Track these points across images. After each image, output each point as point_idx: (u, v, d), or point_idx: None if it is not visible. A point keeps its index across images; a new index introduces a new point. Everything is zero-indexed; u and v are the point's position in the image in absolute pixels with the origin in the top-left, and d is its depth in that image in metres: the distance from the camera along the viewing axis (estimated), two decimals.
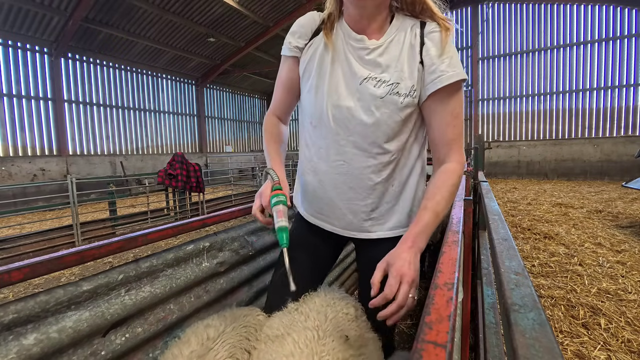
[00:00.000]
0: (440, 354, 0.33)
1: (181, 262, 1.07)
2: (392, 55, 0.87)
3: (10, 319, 0.67)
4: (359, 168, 0.92)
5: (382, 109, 0.87)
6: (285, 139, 1.09)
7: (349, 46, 0.91)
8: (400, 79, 0.86)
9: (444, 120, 0.85)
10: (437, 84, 0.82)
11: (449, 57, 0.83)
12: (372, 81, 0.87)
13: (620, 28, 10.64)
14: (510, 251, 0.68)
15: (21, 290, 3.28)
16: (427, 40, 0.86)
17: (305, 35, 0.96)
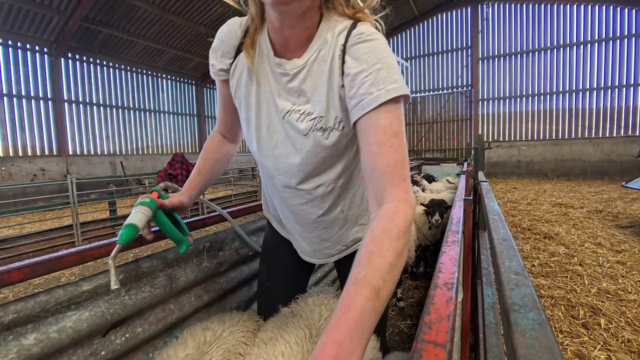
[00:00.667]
0: (440, 354, 0.33)
1: (181, 262, 1.07)
2: (315, 81, 0.74)
3: (10, 319, 0.67)
4: (296, 205, 0.87)
5: (307, 146, 0.76)
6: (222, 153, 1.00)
7: (272, 69, 0.77)
8: (324, 111, 0.74)
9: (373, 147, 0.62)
10: (358, 111, 0.65)
11: (375, 72, 0.65)
12: (294, 114, 0.76)
13: (620, 28, 10.65)
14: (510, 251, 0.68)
15: (21, 290, 3.28)
16: (347, 57, 0.70)
17: (228, 53, 0.82)
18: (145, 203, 0.80)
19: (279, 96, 0.78)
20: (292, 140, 0.78)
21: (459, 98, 13.09)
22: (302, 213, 0.89)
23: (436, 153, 13.65)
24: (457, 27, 13.32)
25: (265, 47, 0.77)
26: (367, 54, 0.67)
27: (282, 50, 0.76)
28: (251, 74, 0.80)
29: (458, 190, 1.94)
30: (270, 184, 0.91)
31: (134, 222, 0.76)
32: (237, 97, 0.84)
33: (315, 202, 0.85)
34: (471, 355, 1.70)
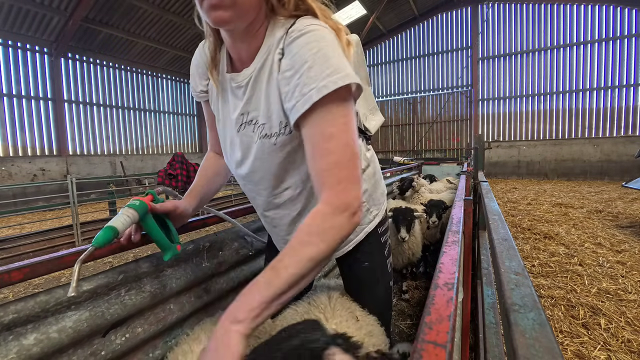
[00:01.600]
0: (440, 354, 0.33)
1: (181, 262, 1.07)
2: (259, 88, 0.73)
3: (10, 319, 0.67)
4: (271, 209, 0.89)
5: (260, 154, 0.76)
6: (216, 173, 1.02)
7: (230, 85, 0.79)
8: (267, 118, 0.73)
9: (311, 147, 0.62)
10: (293, 114, 0.63)
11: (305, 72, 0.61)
12: (247, 126, 0.77)
13: (620, 28, 10.65)
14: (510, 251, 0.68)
15: (21, 290, 3.28)
16: (284, 59, 0.67)
17: (203, 74, 0.87)
18: (134, 206, 0.77)
19: (235, 110, 0.79)
20: (247, 149, 0.79)
21: (459, 98, 13.09)
22: (277, 216, 0.89)
23: (436, 153, 13.65)
24: (457, 27, 13.32)
25: (223, 65, 0.80)
26: (297, 52, 0.64)
27: (238, 64, 0.78)
28: (217, 93, 0.83)
29: (458, 190, 1.94)
30: (248, 193, 0.92)
31: (115, 224, 0.74)
32: (216, 112, 0.87)
33: (287, 205, 0.85)
34: (471, 355, 1.70)
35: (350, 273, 1.02)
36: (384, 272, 1.03)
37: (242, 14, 0.64)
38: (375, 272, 1.00)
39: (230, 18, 0.62)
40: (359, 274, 0.99)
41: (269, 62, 0.71)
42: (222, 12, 0.61)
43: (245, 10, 0.64)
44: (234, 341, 0.50)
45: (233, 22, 0.64)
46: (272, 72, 0.70)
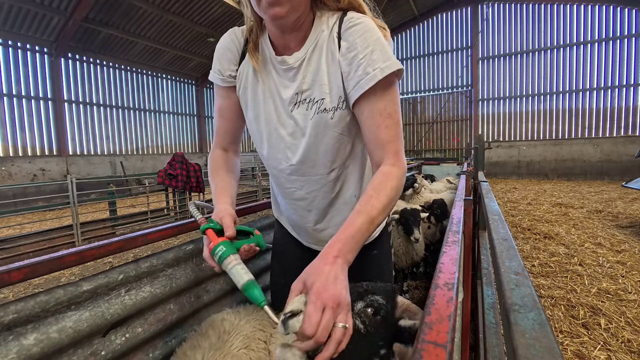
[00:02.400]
0: (441, 354, 0.33)
1: (181, 262, 1.07)
2: (314, 68, 0.80)
3: (10, 319, 0.67)
4: (310, 192, 0.90)
5: (315, 130, 0.81)
6: (232, 170, 0.97)
7: (274, 67, 0.84)
8: (325, 94, 0.79)
9: (374, 122, 0.74)
10: (358, 90, 0.73)
11: (368, 54, 0.72)
12: (303, 105, 0.82)
13: (620, 28, 10.65)
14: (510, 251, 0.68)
15: (21, 290, 3.28)
16: (343, 42, 0.77)
17: (234, 60, 0.88)
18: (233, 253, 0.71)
19: (285, 88, 0.83)
20: (301, 127, 0.83)
21: (459, 98, 13.09)
22: (316, 200, 0.92)
23: (436, 153, 13.65)
24: (457, 27, 13.32)
25: (267, 49, 0.84)
26: (359, 37, 0.74)
27: (283, 51, 0.83)
28: (256, 75, 0.86)
29: (458, 190, 1.94)
30: (284, 178, 0.92)
31: (249, 278, 0.70)
32: (244, 97, 0.89)
33: (329, 186, 0.90)
34: (471, 355, 1.70)
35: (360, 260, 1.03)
36: (389, 259, 1.09)
37: (296, 8, 0.72)
38: (380, 259, 1.04)
39: (287, 13, 0.70)
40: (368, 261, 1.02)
41: (321, 45, 0.79)
42: (279, 9, 0.69)
43: (299, 4, 0.72)
44: (345, 273, 0.58)
45: (288, 17, 0.72)
46: (331, 53, 0.78)
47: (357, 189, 0.92)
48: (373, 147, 0.76)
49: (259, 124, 0.88)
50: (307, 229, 0.99)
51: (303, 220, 0.98)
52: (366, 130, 0.76)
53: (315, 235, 0.99)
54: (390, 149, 0.74)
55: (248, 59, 0.86)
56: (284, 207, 1.02)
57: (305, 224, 0.98)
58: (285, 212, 1.04)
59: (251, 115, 0.89)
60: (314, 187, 0.90)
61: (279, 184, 0.95)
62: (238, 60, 0.88)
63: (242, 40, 0.88)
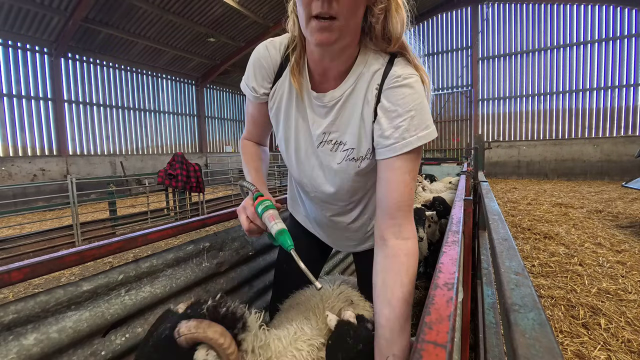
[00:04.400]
0: (440, 354, 0.33)
1: (181, 262, 1.07)
2: (349, 113, 0.79)
3: (10, 319, 0.67)
4: (330, 216, 0.99)
5: (341, 174, 0.85)
6: (265, 158, 1.04)
7: (310, 99, 0.83)
8: (356, 144, 0.80)
9: (392, 185, 0.73)
10: (390, 151, 0.73)
11: (408, 119, 0.71)
12: (328, 145, 0.83)
13: (620, 28, 10.65)
14: (510, 251, 0.68)
15: (21, 290, 3.28)
16: (383, 98, 0.74)
17: (268, 77, 0.86)
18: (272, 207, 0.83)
19: (314, 125, 0.84)
20: (326, 168, 0.86)
21: (459, 98, 13.09)
22: (333, 220, 0.99)
23: (436, 153, 13.65)
24: (457, 27, 13.31)
25: (305, 78, 0.82)
26: (402, 99, 0.72)
27: (319, 80, 0.81)
28: (291, 99, 0.85)
29: (458, 190, 1.94)
30: (306, 196, 1.01)
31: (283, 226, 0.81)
32: (276, 117, 0.90)
33: (346, 213, 0.96)
34: (471, 355, 1.70)
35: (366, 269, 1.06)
36: None
37: (345, 37, 0.69)
38: None
39: (335, 40, 0.67)
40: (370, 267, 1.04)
41: (360, 91, 0.77)
42: (328, 35, 0.66)
43: (348, 34, 0.69)
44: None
45: (335, 44, 0.68)
46: (367, 104, 0.77)
47: (372, 214, 0.96)
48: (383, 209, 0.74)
49: (289, 147, 0.90)
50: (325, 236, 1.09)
51: (323, 231, 1.07)
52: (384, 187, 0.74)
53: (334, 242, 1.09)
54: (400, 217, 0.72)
55: (284, 78, 0.84)
56: (307, 205, 1.07)
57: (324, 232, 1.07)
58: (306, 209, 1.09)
59: (281, 136, 0.90)
60: (333, 212, 0.97)
61: (305, 197, 1.03)
62: (273, 78, 0.86)
63: (280, 56, 0.84)
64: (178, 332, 0.57)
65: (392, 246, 0.71)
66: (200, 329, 0.58)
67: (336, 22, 0.64)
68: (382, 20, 0.73)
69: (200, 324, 0.58)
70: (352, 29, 0.69)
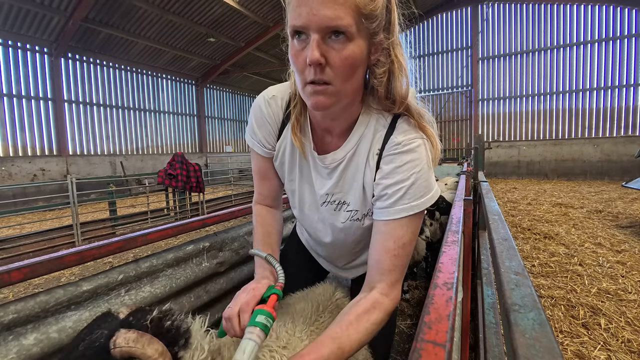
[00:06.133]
0: (440, 354, 0.33)
1: (181, 262, 1.07)
2: (352, 175, 0.79)
3: (10, 319, 0.67)
4: (334, 253, 1.01)
5: (344, 232, 0.87)
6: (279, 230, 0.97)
7: (312, 157, 0.82)
8: (359, 206, 0.81)
9: (385, 246, 0.71)
10: (383, 214, 0.72)
11: (406, 187, 0.70)
12: (332, 205, 0.84)
13: (620, 28, 10.64)
14: (510, 251, 0.68)
15: (21, 290, 3.28)
16: (382, 164, 0.74)
17: (272, 133, 0.84)
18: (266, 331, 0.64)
19: (317, 184, 0.84)
20: (329, 225, 0.88)
21: (459, 98, 13.08)
22: (335, 257, 1.02)
23: None
24: (457, 27, 13.31)
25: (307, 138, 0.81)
26: (402, 166, 0.71)
27: (322, 138, 0.81)
28: (293, 154, 0.84)
29: (458, 190, 1.94)
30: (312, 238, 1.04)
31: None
32: (280, 170, 0.90)
33: (348, 254, 0.99)
34: (471, 355, 1.70)
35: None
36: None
37: (342, 100, 0.67)
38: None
39: (331, 104, 0.65)
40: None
41: (362, 154, 0.77)
42: (323, 99, 0.64)
43: (345, 96, 0.67)
44: None
45: (332, 107, 0.67)
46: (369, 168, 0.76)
47: None
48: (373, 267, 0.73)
49: (294, 198, 0.92)
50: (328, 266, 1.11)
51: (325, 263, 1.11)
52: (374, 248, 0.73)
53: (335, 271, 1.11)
54: (389, 278, 0.71)
55: (285, 134, 0.83)
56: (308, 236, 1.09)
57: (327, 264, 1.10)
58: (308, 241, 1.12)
59: (288, 187, 0.92)
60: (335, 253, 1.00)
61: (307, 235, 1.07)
62: (277, 133, 0.84)
63: (282, 111, 0.82)
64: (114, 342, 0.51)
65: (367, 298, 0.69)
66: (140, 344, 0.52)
67: (330, 87, 0.63)
68: (385, 83, 0.71)
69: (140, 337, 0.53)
70: (349, 92, 0.68)
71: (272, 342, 0.73)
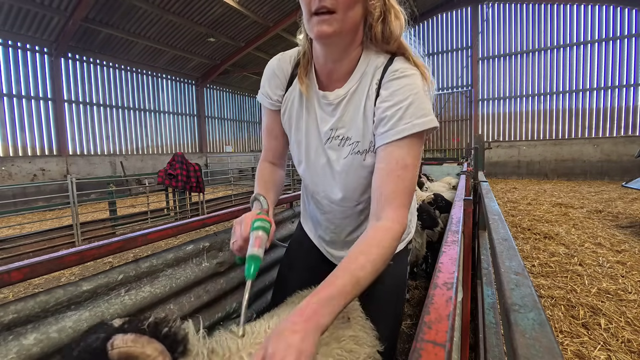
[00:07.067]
0: (440, 353, 0.33)
1: (181, 262, 1.07)
2: (353, 109, 0.83)
3: (10, 319, 0.67)
4: (339, 218, 0.99)
5: (346, 168, 0.87)
6: (277, 184, 1.02)
7: (317, 99, 0.88)
8: (360, 137, 0.83)
9: (387, 168, 0.73)
10: (383, 139, 0.75)
11: (403, 107, 0.73)
12: (335, 140, 0.87)
13: (620, 28, 10.64)
14: (510, 251, 0.68)
15: (21, 290, 3.28)
16: (382, 90, 0.78)
17: (281, 85, 0.92)
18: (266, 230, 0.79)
19: (322, 122, 0.88)
20: (334, 163, 0.89)
21: (459, 98, 13.08)
22: (343, 223, 0.99)
23: (436, 153, 13.65)
24: (457, 27, 13.31)
25: (313, 80, 0.88)
26: (400, 89, 0.75)
27: (326, 82, 0.87)
28: (301, 103, 0.90)
29: (458, 190, 1.94)
30: (314, 199, 1.02)
31: (259, 254, 0.75)
32: (288, 123, 0.95)
33: (353, 217, 0.96)
34: (471, 355, 1.70)
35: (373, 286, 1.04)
36: (402, 291, 1.08)
37: (344, 32, 0.73)
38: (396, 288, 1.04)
39: (334, 32, 0.71)
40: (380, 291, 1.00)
41: (363, 88, 0.82)
42: (326, 27, 0.71)
43: (347, 29, 0.74)
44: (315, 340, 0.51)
45: (334, 37, 0.73)
46: (369, 98, 0.81)
47: None
48: (376, 195, 0.74)
49: (300, 149, 0.94)
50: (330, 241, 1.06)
51: (327, 231, 1.05)
52: (377, 175, 0.75)
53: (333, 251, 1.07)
54: (395, 202, 0.70)
55: (294, 86, 0.90)
56: (313, 213, 1.08)
57: (328, 235, 1.05)
58: (313, 218, 1.09)
59: (293, 139, 0.95)
60: (342, 215, 0.97)
61: (314, 202, 1.03)
62: (285, 86, 0.92)
63: (290, 66, 0.91)
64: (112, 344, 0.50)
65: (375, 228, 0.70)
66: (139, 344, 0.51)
67: (334, 15, 0.70)
68: (380, 24, 0.78)
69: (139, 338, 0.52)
70: (349, 24, 0.73)
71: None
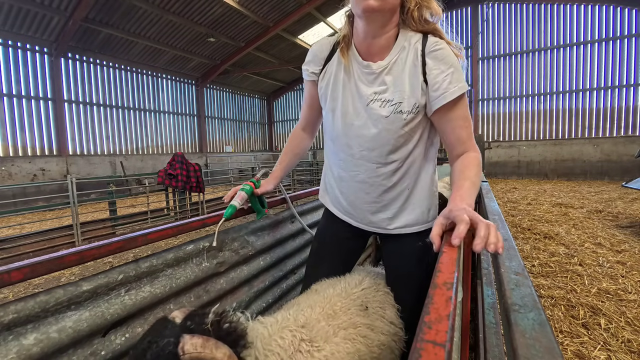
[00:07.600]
0: (439, 353, 0.33)
1: (181, 262, 1.07)
2: (395, 76, 0.96)
3: (10, 319, 0.67)
4: (371, 177, 1.06)
5: (387, 126, 0.98)
6: (301, 149, 1.31)
7: (357, 69, 1.01)
8: (403, 98, 0.95)
9: (456, 125, 0.94)
10: (441, 100, 0.91)
11: (451, 73, 0.90)
12: (377, 102, 0.98)
13: (620, 28, 10.64)
14: (510, 251, 0.68)
15: (21, 290, 3.28)
16: (428, 59, 0.93)
17: (319, 62, 1.10)
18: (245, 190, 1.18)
19: (364, 86, 1.00)
20: (374, 120, 0.99)
21: None
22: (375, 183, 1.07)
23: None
24: (457, 27, 13.30)
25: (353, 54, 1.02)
26: (444, 58, 0.92)
27: (364, 55, 1.00)
28: (339, 74, 1.04)
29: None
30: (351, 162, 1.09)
31: (234, 203, 1.15)
32: (324, 94, 1.10)
33: (387, 175, 1.05)
34: (471, 355, 1.69)
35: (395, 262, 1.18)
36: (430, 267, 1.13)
37: (385, 9, 0.88)
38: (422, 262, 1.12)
39: (378, 7, 0.85)
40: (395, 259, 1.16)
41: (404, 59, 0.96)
42: (373, 2, 0.84)
43: (388, 8, 0.88)
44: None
45: (377, 12, 0.87)
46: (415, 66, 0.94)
47: (411, 183, 1.07)
48: (455, 144, 0.95)
49: (335, 116, 1.07)
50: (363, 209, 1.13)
51: (360, 201, 1.12)
52: (449, 130, 0.95)
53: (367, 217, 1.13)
54: (470, 141, 0.95)
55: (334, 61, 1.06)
56: (344, 188, 1.15)
57: (362, 204, 1.12)
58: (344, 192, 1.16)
59: (328, 107, 1.09)
60: (373, 174, 1.05)
61: (345, 167, 1.11)
62: (323, 63, 1.09)
63: (330, 46, 1.08)
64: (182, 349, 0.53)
65: (464, 156, 0.93)
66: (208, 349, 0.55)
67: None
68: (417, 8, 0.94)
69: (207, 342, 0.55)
70: (390, 4, 0.88)
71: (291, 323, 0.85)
